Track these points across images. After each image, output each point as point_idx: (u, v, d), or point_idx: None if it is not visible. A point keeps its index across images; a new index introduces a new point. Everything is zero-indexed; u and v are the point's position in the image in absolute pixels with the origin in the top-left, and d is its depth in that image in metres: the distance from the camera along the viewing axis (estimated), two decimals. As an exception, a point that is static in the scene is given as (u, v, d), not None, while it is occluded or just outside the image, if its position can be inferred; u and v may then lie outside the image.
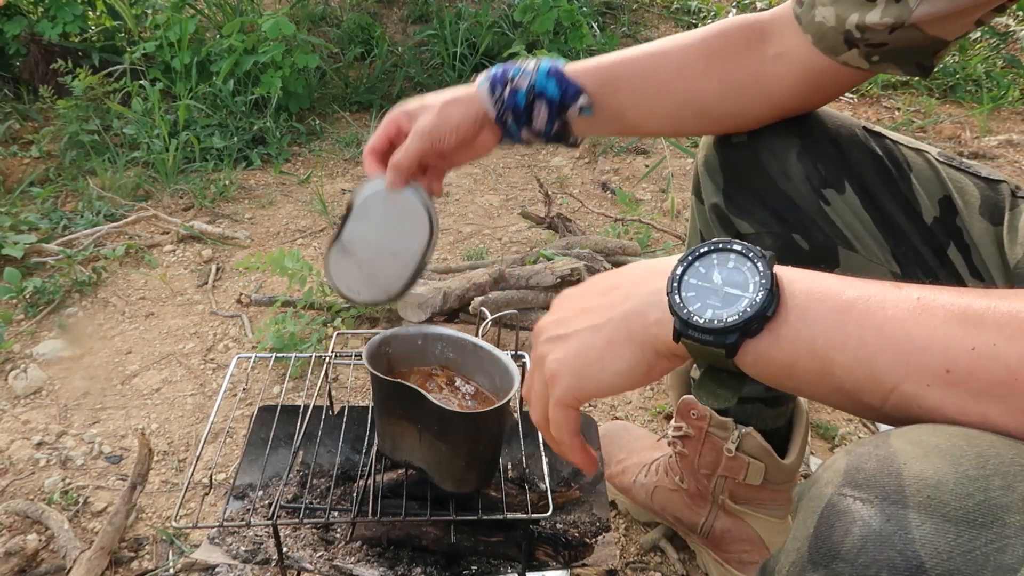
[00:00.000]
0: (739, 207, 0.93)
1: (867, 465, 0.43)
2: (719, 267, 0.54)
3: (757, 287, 0.52)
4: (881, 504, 0.41)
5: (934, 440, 0.43)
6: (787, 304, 0.51)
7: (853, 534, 0.41)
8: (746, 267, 0.53)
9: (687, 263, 0.55)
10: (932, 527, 0.39)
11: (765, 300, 0.51)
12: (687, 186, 2.49)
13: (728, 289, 0.53)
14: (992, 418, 0.45)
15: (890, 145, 0.89)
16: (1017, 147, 2.74)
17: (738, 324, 0.51)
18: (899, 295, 0.49)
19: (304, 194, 2.50)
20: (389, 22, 3.67)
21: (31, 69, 2.90)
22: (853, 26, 0.76)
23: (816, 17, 0.79)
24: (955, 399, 0.46)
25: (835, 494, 0.43)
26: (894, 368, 0.47)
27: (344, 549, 0.98)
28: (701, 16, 3.98)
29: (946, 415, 0.46)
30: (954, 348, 0.46)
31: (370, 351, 0.92)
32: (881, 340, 0.48)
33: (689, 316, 0.53)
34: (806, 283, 0.52)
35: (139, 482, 1.25)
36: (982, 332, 0.45)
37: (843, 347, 0.49)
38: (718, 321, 0.52)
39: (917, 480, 0.41)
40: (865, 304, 0.49)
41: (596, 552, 1.01)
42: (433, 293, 1.71)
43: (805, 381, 0.51)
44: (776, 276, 0.52)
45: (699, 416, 1.09)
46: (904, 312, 0.48)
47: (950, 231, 0.86)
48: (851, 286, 0.51)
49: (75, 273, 1.98)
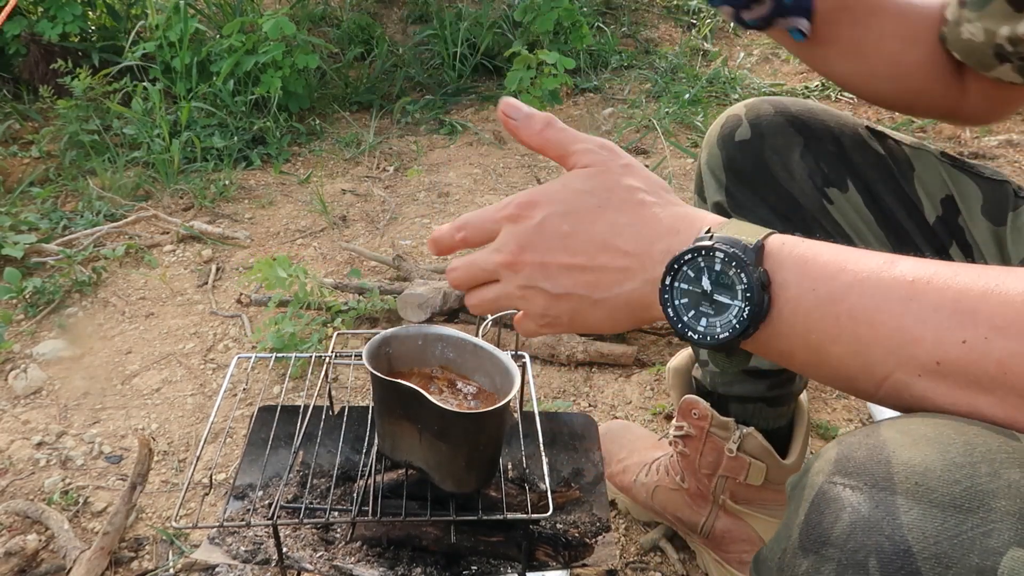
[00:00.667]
0: (741, 205, 0.93)
1: (857, 454, 0.44)
2: (706, 271, 0.53)
3: (742, 296, 0.51)
4: (870, 491, 0.42)
5: (923, 429, 0.44)
6: (780, 298, 0.51)
7: (843, 520, 0.42)
8: (732, 272, 0.52)
9: (674, 271, 0.54)
10: (920, 512, 0.40)
11: (751, 312, 0.51)
12: (687, 186, 2.49)
13: (717, 296, 0.53)
14: (981, 409, 0.45)
15: (893, 144, 0.89)
16: (1017, 147, 2.74)
17: (728, 339, 0.52)
18: (892, 278, 0.48)
19: (304, 194, 2.50)
20: (389, 22, 3.67)
21: (31, 69, 2.90)
22: (1004, 39, 0.73)
23: (963, 34, 0.76)
24: (945, 389, 0.46)
25: (825, 482, 0.44)
26: (886, 360, 0.48)
27: (344, 549, 0.98)
28: (701, 16, 3.98)
29: (936, 404, 0.47)
30: (945, 341, 0.46)
31: (370, 351, 0.92)
32: (873, 333, 0.48)
33: (684, 330, 0.54)
34: (797, 271, 0.51)
35: (139, 482, 1.25)
36: (975, 324, 0.45)
37: (836, 339, 0.49)
38: (711, 337, 0.53)
39: (905, 467, 0.42)
40: (858, 292, 0.49)
41: (596, 552, 1.00)
42: (433, 293, 1.71)
43: (804, 366, 0.53)
44: (764, 274, 0.52)
45: (700, 416, 1.09)
46: (896, 300, 0.48)
47: (952, 230, 0.86)
48: (843, 269, 0.50)
49: (75, 273, 1.98)
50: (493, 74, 3.37)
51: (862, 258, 0.50)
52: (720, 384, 1.08)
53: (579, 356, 1.66)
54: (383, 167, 2.71)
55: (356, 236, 2.26)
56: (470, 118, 3.09)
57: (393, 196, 2.48)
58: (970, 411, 0.45)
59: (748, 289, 0.51)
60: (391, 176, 2.65)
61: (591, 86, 3.29)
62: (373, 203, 2.45)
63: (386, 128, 3.01)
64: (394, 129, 3.00)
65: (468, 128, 2.98)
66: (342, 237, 2.25)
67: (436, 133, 2.98)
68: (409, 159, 2.76)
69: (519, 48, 2.96)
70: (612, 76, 3.40)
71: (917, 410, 0.48)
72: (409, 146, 2.85)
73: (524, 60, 2.85)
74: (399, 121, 3.04)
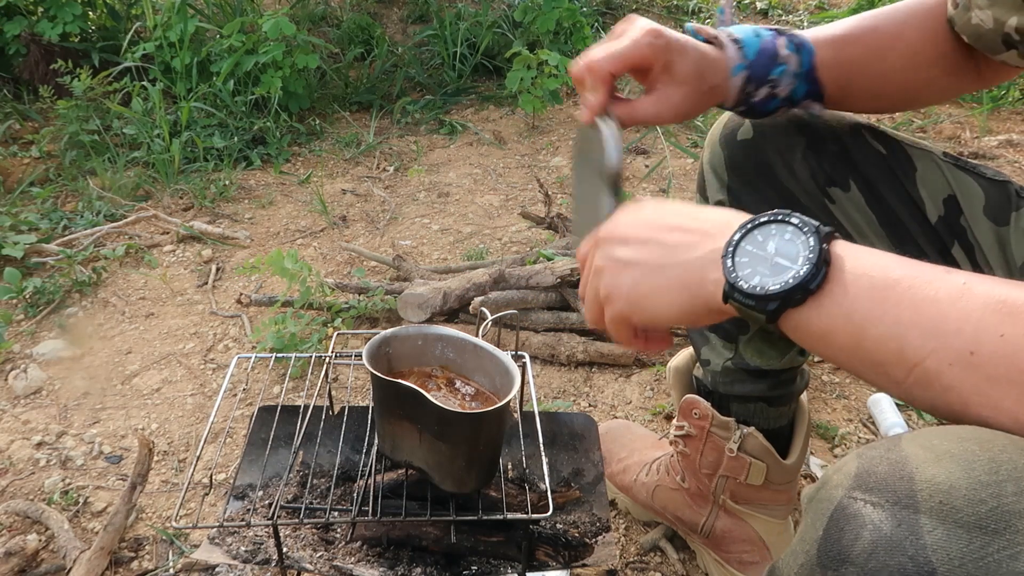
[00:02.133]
0: (743, 204, 0.93)
1: (879, 469, 0.43)
2: (776, 237, 0.55)
3: (805, 260, 0.53)
4: (892, 508, 0.41)
5: (946, 445, 0.43)
6: (834, 278, 0.52)
7: (863, 538, 0.41)
8: (800, 240, 0.54)
9: (746, 230, 0.56)
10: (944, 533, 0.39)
11: (808, 274, 0.52)
12: (688, 186, 2.49)
13: (779, 259, 0.54)
14: (1005, 405, 0.45)
15: (894, 144, 0.89)
16: (1017, 147, 2.74)
17: (779, 293, 0.53)
18: (947, 278, 0.49)
19: (304, 194, 2.50)
20: (389, 22, 3.67)
21: (31, 69, 2.90)
22: (1012, 29, 0.74)
23: (972, 20, 0.78)
24: (974, 381, 0.46)
25: (845, 497, 0.43)
26: (924, 344, 0.48)
27: (344, 549, 0.97)
28: (701, 16, 3.98)
29: (961, 395, 0.46)
30: (984, 332, 0.46)
31: (370, 351, 0.92)
32: (915, 317, 0.48)
33: (736, 280, 0.55)
34: (859, 260, 0.53)
35: (139, 482, 1.25)
36: (1016, 322, 0.45)
37: (879, 320, 0.50)
38: (761, 289, 0.53)
39: (929, 485, 0.41)
40: (910, 283, 0.50)
41: (596, 552, 1.00)
42: (433, 293, 1.71)
43: (840, 349, 0.52)
44: (828, 251, 0.53)
45: (701, 415, 1.09)
46: (945, 294, 0.48)
47: (954, 230, 0.86)
48: (903, 265, 0.51)
49: (75, 273, 1.98)
50: (493, 74, 3.37)
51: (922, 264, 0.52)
52: (721, 384, 1.08)
53: (579, 356, 1.66)
54: (383, 167, 2.71)
55: (356, 236, 2.26)
56: (470, 118, 3.09)
57: (393, 196, 2.48)
58: (995, 406, 0.45)
59: (812, 254, 0.52)
60: (391, 176, 2.65)
61: (591, 86, 3.28)
62: (373, 203, 2.45)
63: (386, 128, 3.01)
64: (394, 129, 2.99)
65: (468, 128, 2.98)
66: (342, 237, 2.25)
67: (436, 133, 2.98)
68: (409, 159, 2.76)
69: (519, 48, 2.96)
70: (612, 76, 3.39)
71: (942, 403, 0.48)
72: (409, 146, 2.85)
73: (524, 60, 2.85)
74: (399, 121, 3.04)
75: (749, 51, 0.79)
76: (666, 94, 0.76)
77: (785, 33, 0.83)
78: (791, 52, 0.81)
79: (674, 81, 0.75)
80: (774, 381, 1.04)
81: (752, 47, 0.79)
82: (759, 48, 0.80)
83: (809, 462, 1.40)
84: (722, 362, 1.05)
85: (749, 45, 0.79)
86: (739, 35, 0.80)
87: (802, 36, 0.83)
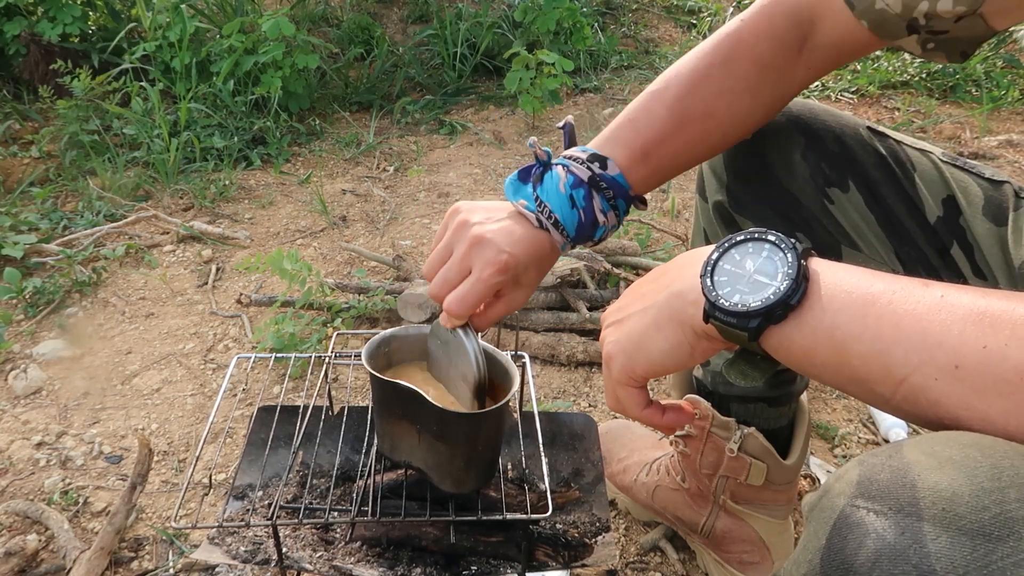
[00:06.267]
0: (743, 205, 0.93)
1: (881, 476, 0.43)
2: (753, 255, 0.56)
3: (784, 276, 0.53)
4: (895, 516, 0.41)
5: (948, 451, 0.43)
6: (813, 294, 0.53)
7: (867, 547, 0.40)
8: (777, 257, 0.55)
9: (723, 249, 0.58)
10: (948, 540, 0.39)
11: (789, 289, 0.53)
12: (687, 186, 2.49)
13: (758, 277, 0.55)
14: (992, 416, 0.45)
15: (894, 145, 0.89)
16: (1017, 147, 2.74)
17: (760, 310, 0.53)
18: (924, 292, 0.50)
19: (304, 194, 2.50)
20: (389, 22, 3.67)
21: (31, 69, 2.90)
22: (921, 14, 0.73)
23: (877, 5, 0.75)
24: (960, 394, 0.46)
25: (848, 505, 0.43)
26: (907, 360, 0.48)
27: (344, 549, 0.97)
28: (701, 16, 3.98)
29: (949, 409, 0.47)
30: (966, 345, 0.46)
31: (369, 351, 0.92)
32: (897, 333, 0.49)
33: (716, 299, 0.56)
34: (836, 276, 0.53)
35: (139, 482, 1.25)
36: (997, 332, 0.45)
37: (860, 337, 0.50)
38: (742, 306, 0.54)
39: (932, 492, 0.40)
40: (889, 298, 0.50)
41: (596, 552, 1.00)
42: (433, 293, 1.71)
43: (824, 367, 0.53)
44: (806, 267, 0.54)
45: (701, 416, 1.09)
46: (924, 308, 0.48)
47: (953, 231, 0.86)
48: (879, 280, 0.52)
49: (75, 273, 1.98)
50: (493, 74, 3.37)
51: (897, 278, 0.52)
52: (721, 384, 1.08)
53: (579, 356, 1.66)
54: (383, 167, 2.71)
55: (356, 236, 2.26)
56: (470, 118, 3.09)
57: (393, 196, 2.48)
58: (983, 418, 0.45)
59: (791, 270, 0.53)
60: (391, 176, 2.64)
61: (591, 86, 3.29)
62: (373, 203, 2.45)
63: (386, 128, 3.01)
64: (394, 129, 2.99)
65: (468, 128, 2.98)
66: (342, 237, 2.25)
67: (436, 133, 2.98)
68: (409, 159, 2.76)
69: (519, 48, 2.96)
70: (612, 76, 3.40)
71: (931, 417, 0.48)
72: (409, 146, 2.85)
73: (524, 60, 2.85)
74: (399, 121, 3.04)
75: (569, 228, 0.80)
76: (513, 296, 0.82)
77: (598, 184, 0.81)
78: (607, 211, 0.82)
79: (520, 286, 0.81)
80: (773, 381, 1.05)
81: (571, 223, 0.80)
82: (577, 224, 0.80)
83: (809, 462, 1.40)
84: (722, 362, 1.05)
85: (567, 222, 0.80)
86: (557, 210, 0.79)
87: (612, 174, 0.81)
